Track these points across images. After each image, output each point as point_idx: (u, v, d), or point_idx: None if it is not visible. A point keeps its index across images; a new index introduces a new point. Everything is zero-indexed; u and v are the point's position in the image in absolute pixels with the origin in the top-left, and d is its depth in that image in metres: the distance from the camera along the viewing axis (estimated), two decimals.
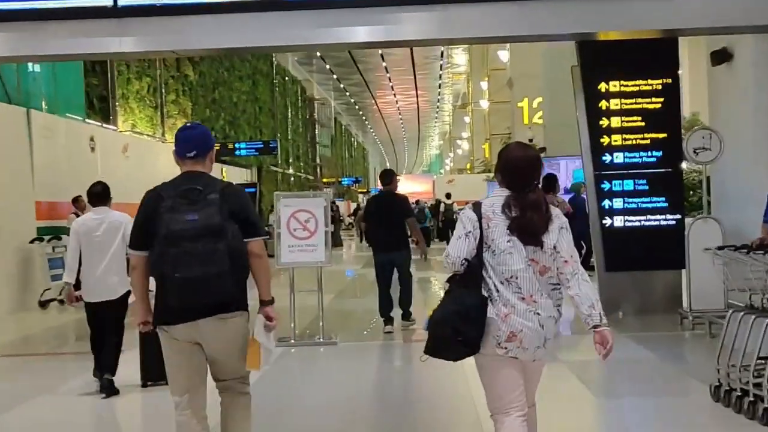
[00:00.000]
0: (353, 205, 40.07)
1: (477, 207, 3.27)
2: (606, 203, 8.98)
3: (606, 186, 8.97)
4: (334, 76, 51.46)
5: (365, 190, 62.34)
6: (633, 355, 7.04)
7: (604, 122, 8.98)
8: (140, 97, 19.79)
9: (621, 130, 8.95)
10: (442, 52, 46.69)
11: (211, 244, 3.29)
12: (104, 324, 5.95)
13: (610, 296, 9.03)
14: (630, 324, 8.62)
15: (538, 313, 3.16)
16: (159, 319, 3.49)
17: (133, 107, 19.29)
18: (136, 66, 19.37)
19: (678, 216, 8.92)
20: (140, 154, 16.66)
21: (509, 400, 3.23)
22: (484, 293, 3.18)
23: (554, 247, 3.20)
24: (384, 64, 47.50)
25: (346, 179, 55.81)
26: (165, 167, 17.67)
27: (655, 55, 8.82)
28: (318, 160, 49.44)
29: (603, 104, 8.98)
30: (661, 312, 8.87)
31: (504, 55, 29.86)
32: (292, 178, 39.09)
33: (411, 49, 44.25)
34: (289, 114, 40.29)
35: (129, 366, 6.15)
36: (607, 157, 8.97)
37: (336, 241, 28.34)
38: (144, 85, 20.01)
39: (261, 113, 33.67)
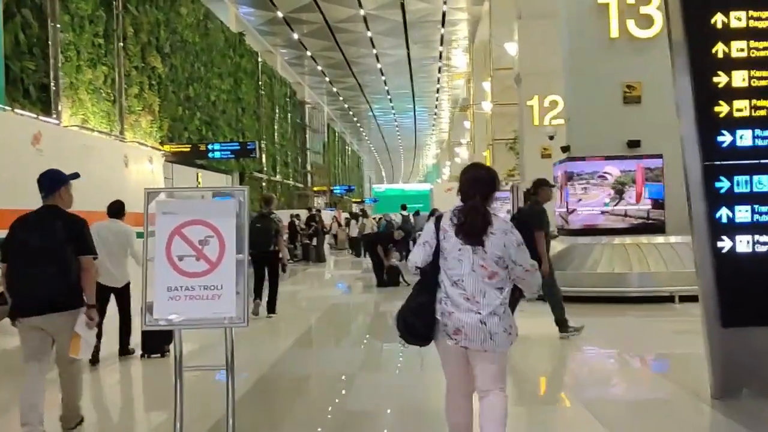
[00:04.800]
0: (344, 216, 36.29)
1: (438, 220, 3.89)
2: (723, 213, 5.40)
3: (723, 185, 5.41)
4: (327, 79, 48.56)
5: (359, 200, 59.29)
6: None
7: (720, 80, 5.43)
8: (94, 88, 16.94)
9: (749, 93, 5.40)
10: (440, 53, 43.66)
11: (48, 262, 4.67)
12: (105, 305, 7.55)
13: (728, 367, 5.47)
14: None
15: (479, 312, 3.71)
16: (12, 314, 4.77)
17: (84, 99, 16.23)
18: (89, 52, 16.33)
19: None
20: (64, 149, 12.73)
21: (454, 383, 3.92)
22: (438, 294, 3.80)
23: (503, 257, 3.78)
24: (379, 65, 44.51)
25: (338, 188, 52.52)
26: (103, 168, 14.31)
27: None
28: (309, 167, 46.23)
29: (718, 49, 5.43)
30: None
31: (512, 48, 26.34)
32: (279, 186, 35.95)
33: (408, 50, 41.17)
34: (277, 117, 37.24)
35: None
36: (725, 138, 5.41)
37: (319, 257, 25.07)
38: (99, 75, 17.15)
39: (244, 115, 30.90)
